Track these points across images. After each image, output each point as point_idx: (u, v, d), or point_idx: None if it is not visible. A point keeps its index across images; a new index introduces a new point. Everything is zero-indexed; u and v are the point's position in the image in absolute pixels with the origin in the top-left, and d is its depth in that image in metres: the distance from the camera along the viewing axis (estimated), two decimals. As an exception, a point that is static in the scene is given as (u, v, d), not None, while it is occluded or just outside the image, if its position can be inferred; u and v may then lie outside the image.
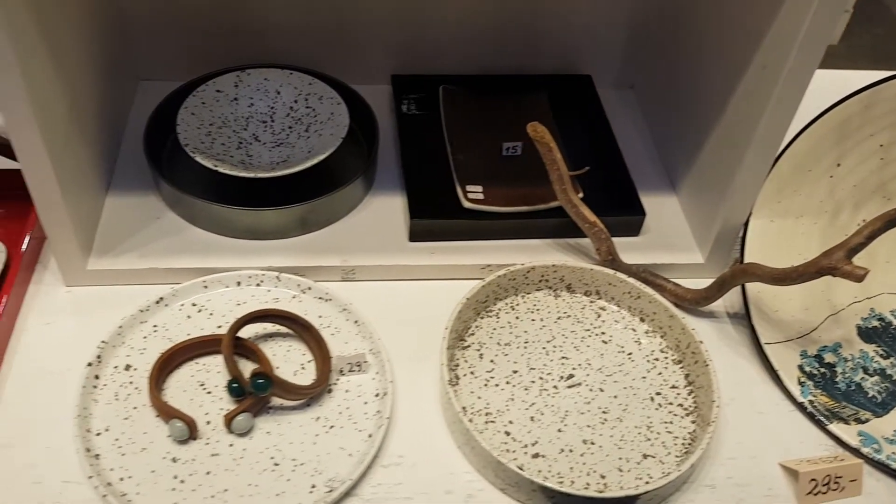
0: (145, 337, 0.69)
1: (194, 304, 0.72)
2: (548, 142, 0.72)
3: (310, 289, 0.74)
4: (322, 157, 0.77)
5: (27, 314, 0.71)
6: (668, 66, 0.90)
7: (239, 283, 0.74)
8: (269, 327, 0.71)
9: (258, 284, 0.74)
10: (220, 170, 0.75)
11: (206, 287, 0.73)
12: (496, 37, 0.93)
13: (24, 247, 0.73)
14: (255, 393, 0.63)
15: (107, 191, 0.79)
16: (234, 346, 0.66)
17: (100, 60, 0.77)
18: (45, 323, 0.70)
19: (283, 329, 0.71)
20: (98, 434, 0.62)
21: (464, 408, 0.66)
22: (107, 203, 0.78)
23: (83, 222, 0.72)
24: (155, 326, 0.70)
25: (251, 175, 0.76)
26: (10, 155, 0.77)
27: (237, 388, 0.64)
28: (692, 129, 0.82)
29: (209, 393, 0.66)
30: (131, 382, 0.66)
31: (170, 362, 0.66)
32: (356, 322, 0.72)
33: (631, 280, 0.74)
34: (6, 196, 0.78)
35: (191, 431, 0.62)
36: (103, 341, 0.67)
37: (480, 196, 0.80)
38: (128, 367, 0.67)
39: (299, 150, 0.82)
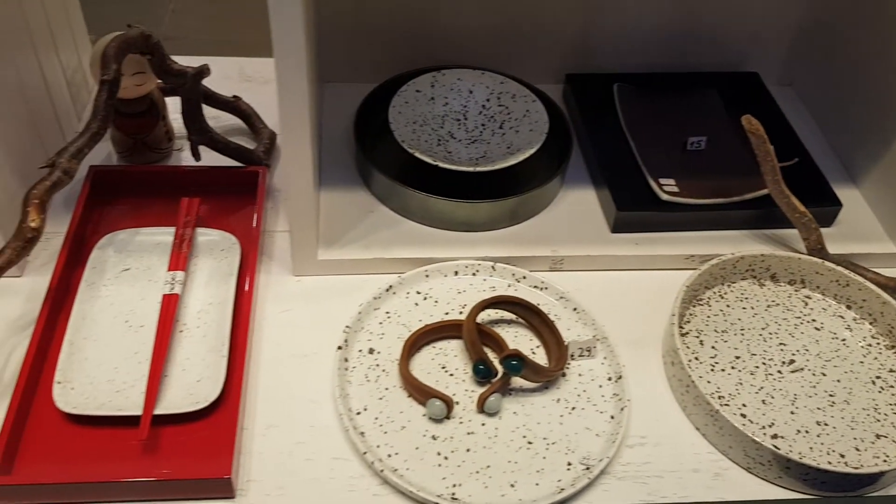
0: (381, 322, 0.72)
1: (419, 293, 0.75)
2: (762, 134, 0.74)
3: (524, 278, 0.77)
4: (530, 152, 0.80)
5: (264, 303, 0.75)
6: (831, 64, 0.92)
7: (457, 273, 0.77)
8: (493, 314, 0.74)
9: (474, 274, 0.77)
10: (441, 165, 0.79)
11: (427, 276, 0.76)
12: (665, 36, 0.96)
13: (258, 239, 0.77)
14: (510, 373, 0.66)
15: (319, 187, 0.83)
16: (476, 330, 0.69)
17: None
18: (283, 310, 0.73)
19: (508, 315, 0.74)
20: (358, 413, 0.66)
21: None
22: (322, 199, 0.82)
23: (315, 216, 0.76)
24: (388, 313, 0.73)
25: (469, 169, 0.79)
26: (222, 150, 0.82)
27: (484, 370, 0.67)
28: (873, 126, 0.85)
29: (451, 375, 0.69)
30: (378, 365, 0.69)
31: (414, 346, 0.70)
32: (574, 309, 0.74)
33: (839, 268, 0.76)
34: (230, 191, 0.82)
35: (448, 410, 0.65)
36: (347, 326, 0.70)
37: (675, 189, 0.83)
38: (371, 351, 0.70)
39: (496, 147, 0.85)
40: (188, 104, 0.80)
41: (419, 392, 0.66)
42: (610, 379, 0.69)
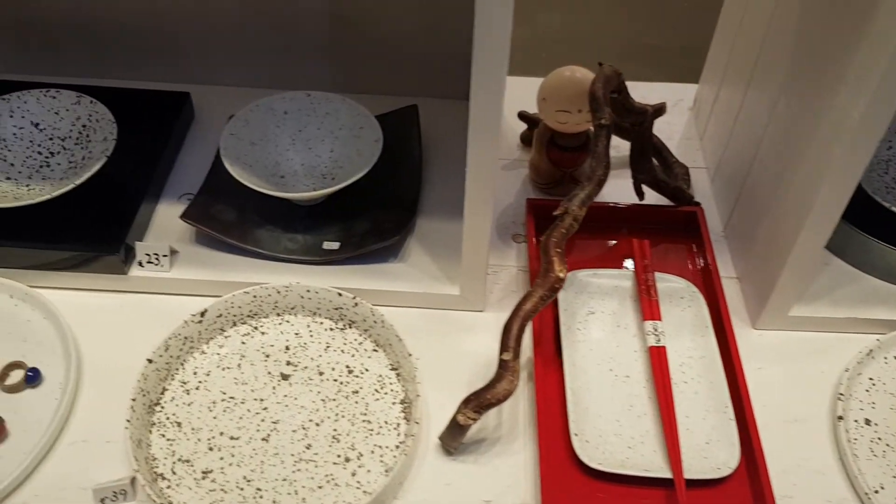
0: (867, 390, 0.69)
1: None
2: None
3: None
4: None
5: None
6: None
7: (929, 338, 0.73)
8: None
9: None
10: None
11: (899, 340, 0.73)
12: None
13: (716, 286, 0.73)
14: None
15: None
16: None
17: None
18: (757, 367, 0.71)
19: None
20: (876, 492, 0.63)
21: None
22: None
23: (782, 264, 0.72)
24: (871, 379, 0.70)
25: None
26: (662, 188, 0.80)
27: None
28: None
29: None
30: (880, 438, 0.66)
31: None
32: None
33: None
34: (657, 229, 0.79)
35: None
36: (840, 394, 0.67)
37: None
38: (868, 422, 0.67)
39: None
40: (640, 141, 0.78)
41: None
42: None
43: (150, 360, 0.65)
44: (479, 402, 0.60)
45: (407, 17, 0.87)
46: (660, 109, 0.78)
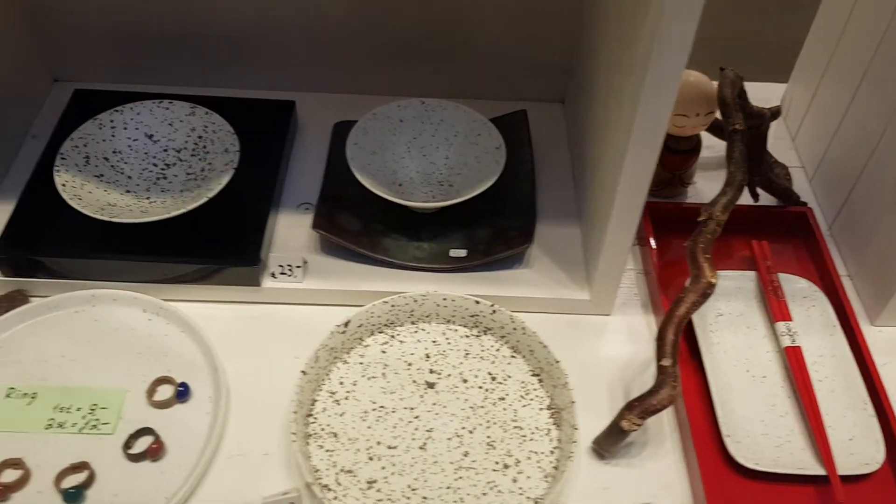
0: None
1: None
2: None
3: None
4: None
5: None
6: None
7: None
8: None
9: None
10: None
11: None
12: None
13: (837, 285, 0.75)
14: None
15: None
16: None
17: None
18: (883, 363, 0.72)
19: None
20: None
21: None
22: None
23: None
24: None
25: None
26: (774, 189, 0.81)
27: None
28: None
29: None
30: None
31: None
32: None
33: None
34: (766, 230, 0.81)
35: None
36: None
37: None
38: None
39: None
40: (757, 144, 0.79)
41: None
42: None
43: (304, 372, 0.66)
44: (643, 408, 0.61)
45: (506, 22, 0.87)
46: (776, 112, 0.79)
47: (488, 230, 0.78)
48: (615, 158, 0.65)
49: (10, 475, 0.61)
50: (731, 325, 0.73)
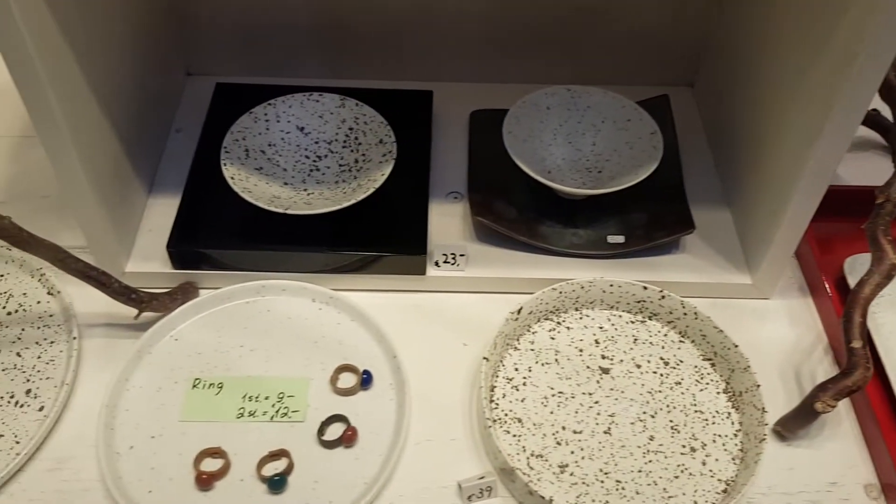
0: None
1: None
2: None
3: None
4: None
5: None
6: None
7: None
8: None
9: None
10: None
11: None
12: None
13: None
14: None
15: None
16: None
17: None
18: None
19: None
20: None
21: None
22: None
23: None
24: None
25: None
26: None
27: None
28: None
29: None
30: None
31: None
32: None
33: None
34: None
35: None
36: None
37: None
38: None
39: None
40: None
41: None
42: None
43: (486, 358, 0.66)
44: (837, 389, 0.61)
45: (636, 8, 0.87)
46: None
47: (642, 215, 0.78)
48: (797, 142, 0.65)
49: (212, 464, 0.63)
50: (892, 305, 0.74)
